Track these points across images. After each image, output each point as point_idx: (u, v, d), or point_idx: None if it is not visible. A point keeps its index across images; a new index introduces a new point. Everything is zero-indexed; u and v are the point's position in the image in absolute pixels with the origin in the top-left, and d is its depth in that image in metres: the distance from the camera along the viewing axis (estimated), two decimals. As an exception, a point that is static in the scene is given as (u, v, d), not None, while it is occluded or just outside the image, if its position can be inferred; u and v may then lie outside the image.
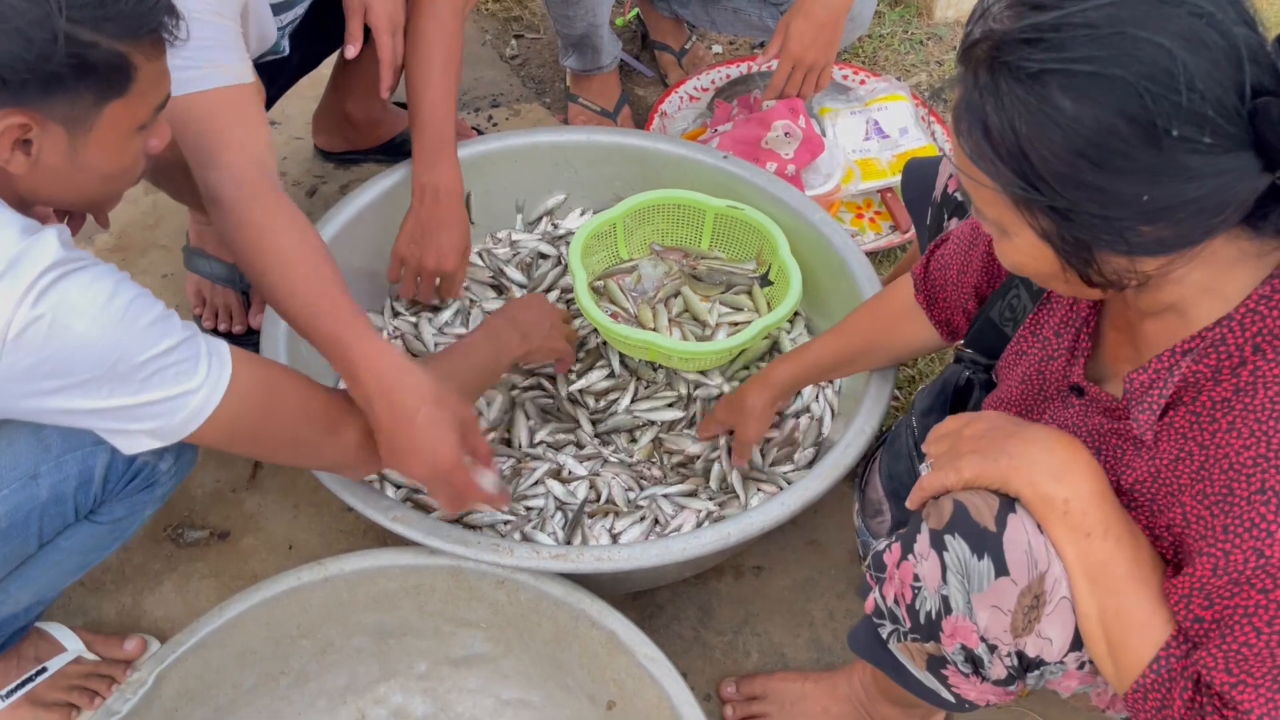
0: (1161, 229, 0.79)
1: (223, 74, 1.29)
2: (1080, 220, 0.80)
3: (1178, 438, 0.90)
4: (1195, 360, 0.87)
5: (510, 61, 2.52)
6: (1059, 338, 1.06)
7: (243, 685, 1.31)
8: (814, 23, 1.82)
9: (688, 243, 1.86)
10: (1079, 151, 0.77)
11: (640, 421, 1.65)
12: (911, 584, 1.06)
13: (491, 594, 1.32)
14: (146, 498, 1.24)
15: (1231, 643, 0.84)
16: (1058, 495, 0.93)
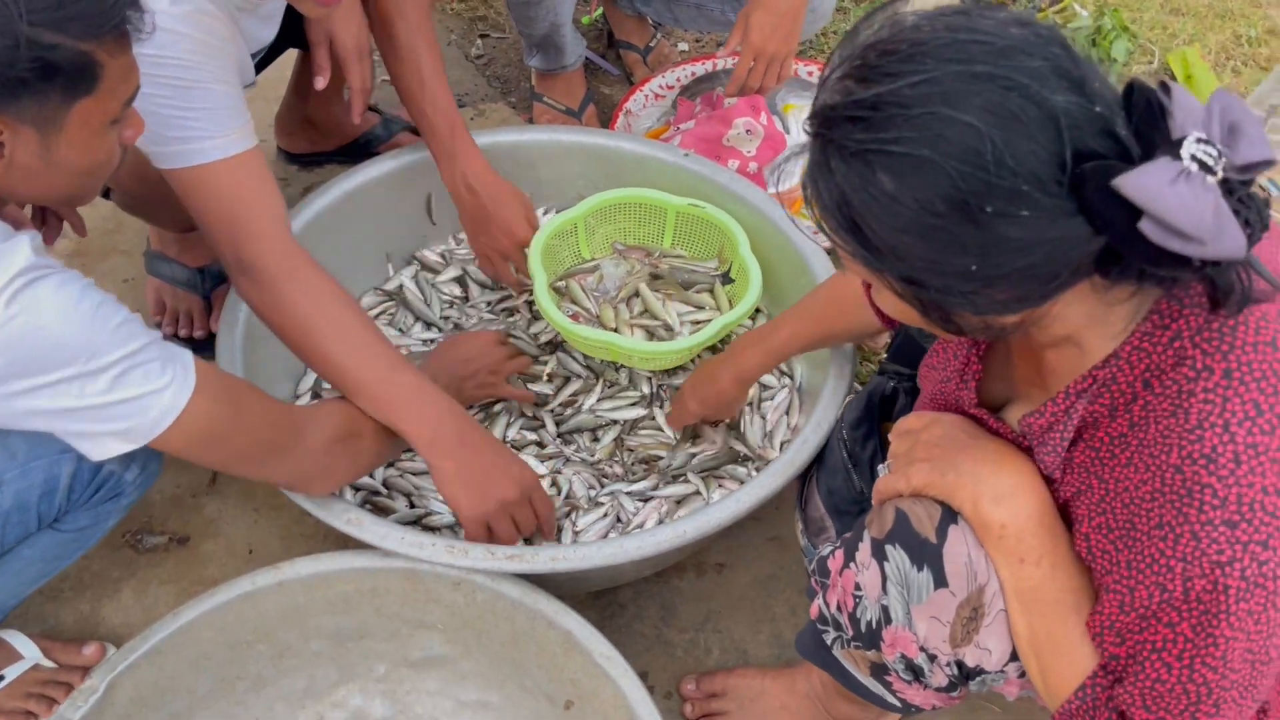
0: (1001, 292, 0.79)
1: (234, 141, 1.31)
2: (927, 285, 0.81)
3: (1080, 471, 0.91)
4: (1090, 400, 0.88)
5: (475, 61, 2.51)
6: (955, 359, 1.06)
7: (198, 691, 1.31)
8: (774, 14, 1.82)
9: (650, 241, 1.86)
10: (903, 228, 0.77)
11: (603, 421, 1.65)
12: (853, 592, 1.07)
13: (448, 595, 1.32)
14: (111, 507, 1.25)
15: (1145, 679, 0.85)
16: (995, 519, 0.94)
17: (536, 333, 1.75)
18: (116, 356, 1.01)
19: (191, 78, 1.26)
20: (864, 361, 1.87)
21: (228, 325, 1.52)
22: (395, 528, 1.31)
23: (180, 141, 1.28)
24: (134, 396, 1.03)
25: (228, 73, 1.32)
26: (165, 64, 1.23)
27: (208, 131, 1.28)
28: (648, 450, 1.62)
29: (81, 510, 1.21)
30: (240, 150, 1.31)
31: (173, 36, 1.23)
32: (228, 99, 1.30)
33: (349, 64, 1.65)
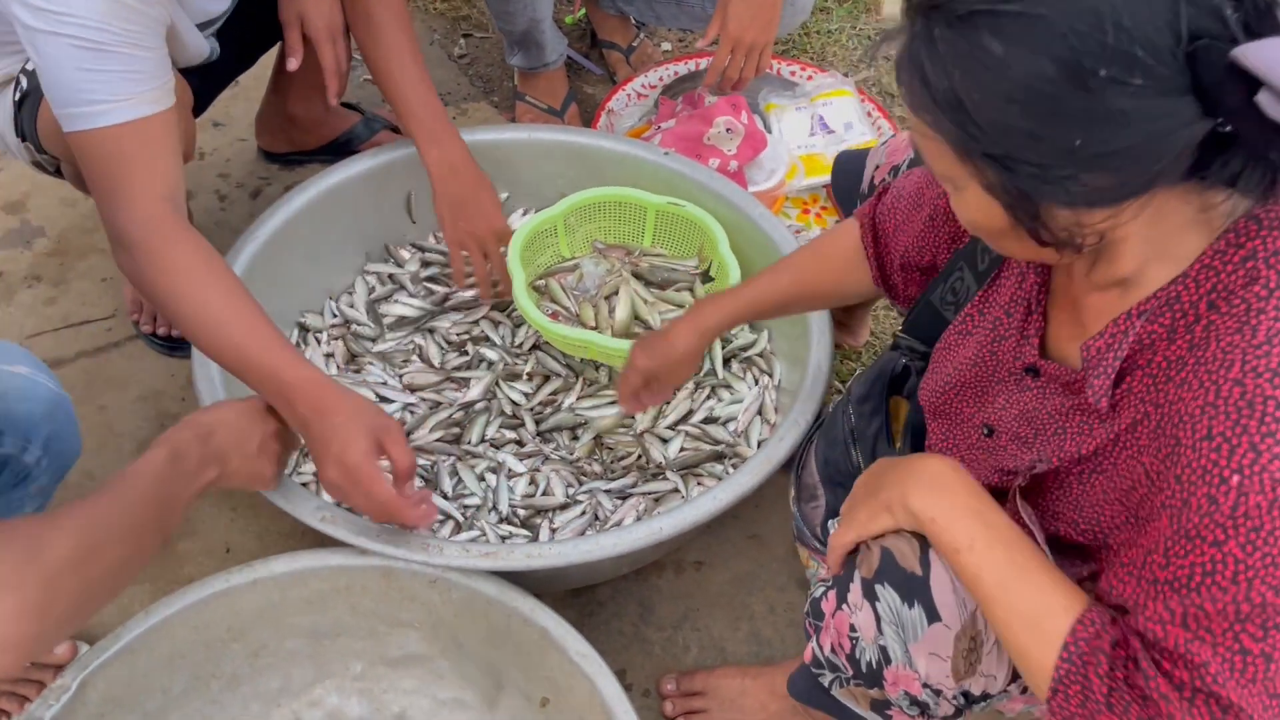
0: (1100, 178, 0.77)
1: (130, 107, 1.26)
2: (1020, 170, 0.78)
3: (1136, 402, 0.88)
4: (1150, 320, 0.86)
5: (458, 61, 2.51)
6: (1009, 316, 1.04)
7: (172, 690, 1.30)
8: (752, 4, 1.83)
9: (630, 240, 1.86)
10: (1009, 96, 0.75)
11: (582, 420, 1.65)
12: (848, 634, 1.06)
13: (424, 593, 1.31)
14: (21, 494, 1.19)
15: (1191, 598, 0.80)
16: (926, 513, 0.94)
17: (520, 341, 1.75)
18: None
19: (97, 39, 1.21)
20: (844, 360, 1.88)
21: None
22: (370, 525, 1.30)
23: (75, 104, 1.24)
24: None
25: (142, 37, 1.27)
26: (71, 22, 1.19)
27: (102, 96, 1.23)
28: (625, 449, 1.61)
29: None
30: (131, 117, 1.26)
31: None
32: (135, 62, 1.26)
33: (321, 44, 1.65)
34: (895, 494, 0.97)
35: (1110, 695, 0.83)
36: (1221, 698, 0.79)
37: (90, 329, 1.88)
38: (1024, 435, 1.01)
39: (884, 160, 1.44)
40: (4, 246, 2.00)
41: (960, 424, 1.11)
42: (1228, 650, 0.79)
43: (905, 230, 1.23)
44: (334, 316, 1.79)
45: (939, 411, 1.14)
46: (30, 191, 2.06)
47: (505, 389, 1.68)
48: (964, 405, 1.09)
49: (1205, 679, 0.79)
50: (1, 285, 1.94)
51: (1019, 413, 1.02)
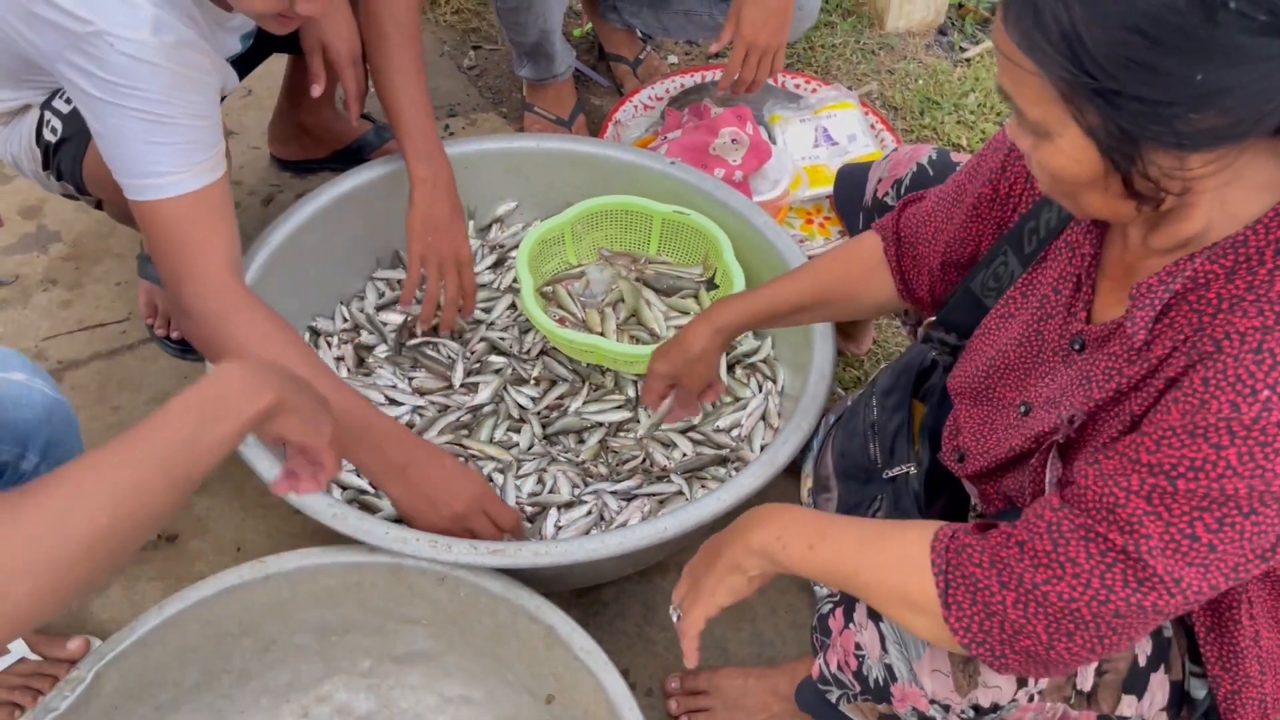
0: (1210, 117, 0.76)
1: (194, 177, 1.31)
2: (1129, 108, 0.77)
3: (1174, 333, 0.86)
4: (1210, 260, 0.85)
5: (468, 72, 2.55)
6: (1057, 294, 1.03)
7: (184, 683, 1.32)
8: (764, 8, 1.86)
9: (636, 247, 1.89)
10: (1133, 26, 0.74)
11: (588, 423, 1.67)
12: (854, 652, 1.09)
13: (432, 591, 1.34)
14: None
15: (1164, 481, 0.81)
16: (769, 535, 0.99)
17: (528, 347, 1.77)
18: None
19: (162, 112, 1.26)
20: (846, 367, 1.90)
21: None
22: (379, 523, 1.32)
23: (140, 175, 1.29)
24: None
25: (203, 107, 1.31)
26: (137, 95, 1.23)
27: (167, 167, 1.28)
28: (630, 451, 1.64)
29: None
30: (195, 187, 1.31)
31: (150, 69, 1.23)
32: (197, 133, 1.30)
33: (343, 70, 1.68)
34: (736, 545, 1.03)
35: (1000, 573, 0.86)
36: (1146, 566, 0.81)
37: (105, 332, 1.91)
38: (1053, 398, 1.01)
39: (886, 174, 1.46)
40: (21, 251, 2.04)
41: (1000, 408, 1.10)
42: (1178, 531, 0.81)
43: (945, 229, 1.23)
44: (344, 321, 1.81)
45: (977, 397, 1.13)
46: (46, 198, 2.10)
47: (513, 393, 1.70)
48: (1005, 389, 1.09)
49: (1141, 547, 0.81)
50: (18, 288, 1.98)
51: (1056, 386, 1.01)
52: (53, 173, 1.55)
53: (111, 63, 1.22)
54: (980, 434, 1.12)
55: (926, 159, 1.42)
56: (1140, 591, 0.82)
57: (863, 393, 1.42)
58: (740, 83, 1.96)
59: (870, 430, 1.38)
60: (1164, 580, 0.81)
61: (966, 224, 1.20)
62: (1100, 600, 0.83)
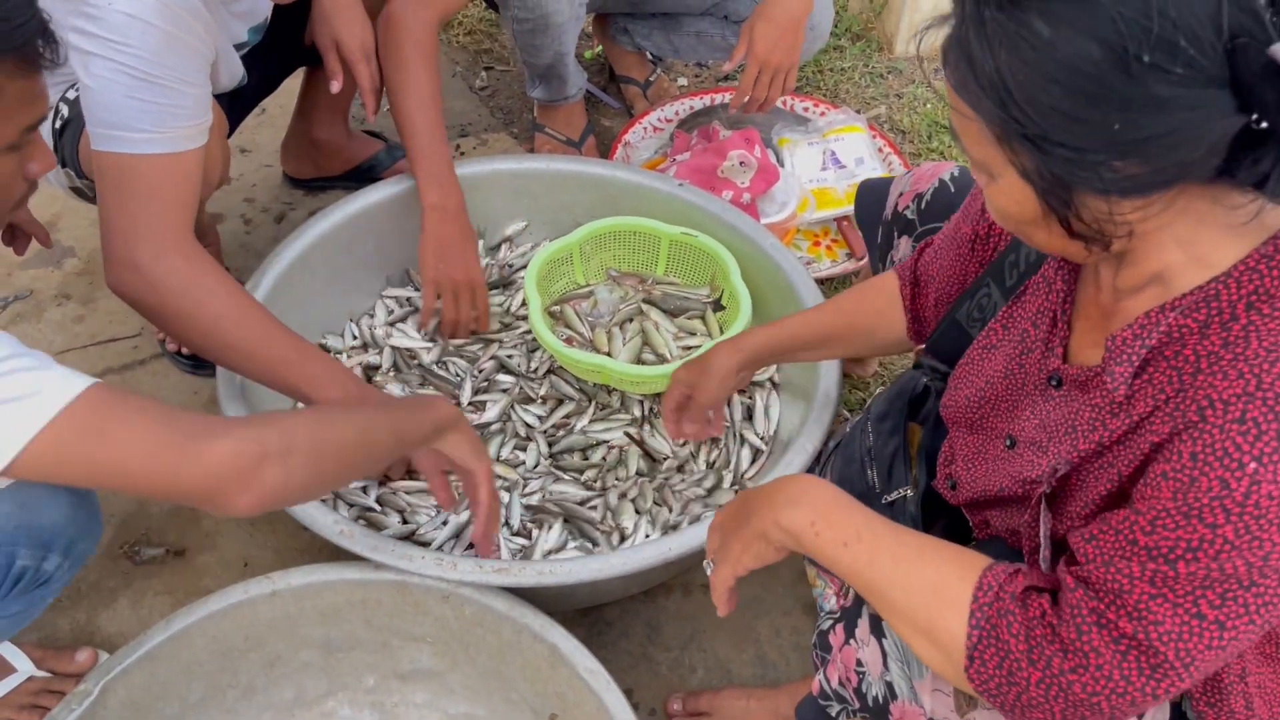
0: (1133, 165, 0.78)
1: (168, 140, 1.32)
2: (1056, 154, 0.79)
3: (1155, 391, 0.87)
4: (1183, 315, 0.85)
5: (479, 93, 2.57)
6: (1036, 329, 1.04)
7: (190, 698, 1.33)
8: (776, 26, 1.89)
9: (644, 268, 1.90)
10: (1052, 77, 0.76)
11: (593, 441, 1.68)
12: (855, 669, 1.08)
13: (437, 608, 1.34)
14: (44, 593, 1.20)
15: (1164, 566, 0.81)
16: (803, 520, 0.95)
17: (535, 366, 1.79)
18: None
19: (150, 71, 1.27)
20: (852, 390, 1.91)
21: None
22: (386, 540, 1.33)
23: (114, 126, 1.29)
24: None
25: (191, 74, 1.32)
26: (127, 51, 1.25)
27: (144, 125, 1.29)
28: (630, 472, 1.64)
29: (9, 600, 1.16)
30: (168, 150, 1.31)
31: (143, 26, 1.25)
32: (180, 99, 1.31)
33: (357, 65, 1.70)
34: (766, 516, 0.98)
35: (1030, 651, 0.85)
36: (1158, 653, 0.81)
37: (117, 347, 1.93)
38: (1039, 441, 1.01)
39: (908, 188, 1.46)
40: (35, 265, 2.06)
41: (990, 437, 1.11)
42: (1185, 613, 0.80)
43: (942, 267, 1.26)
44: (354, 338, 1.83)
45: (970, 425, 1.14)
46: (61, 212, 2.12)
47: (520, 411, 1.72)
48: (996, 419, 1.10)
49: (1151, 635, 0.81)
50: (32, 303, 2.00)
51: (1038, 422, 1.02)
52: (60, 160, 1.57)
53: (108, 20, 1.23)
54: (972, 463, 1.13)
55: (949, 175, 1.43)
56: (1154, 679, 0.82)
57: (858, 419, 1.44)
58: (752, 101, 1.98)
59: (867, 456, 1.39)
60: (1175, 666, 0.82)
61: (955, 263, 1.23)
62: (1119, 693, 0.83)
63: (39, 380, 0.96)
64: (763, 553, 1.00)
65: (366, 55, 1.71)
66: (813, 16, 2.00)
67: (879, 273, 1.55)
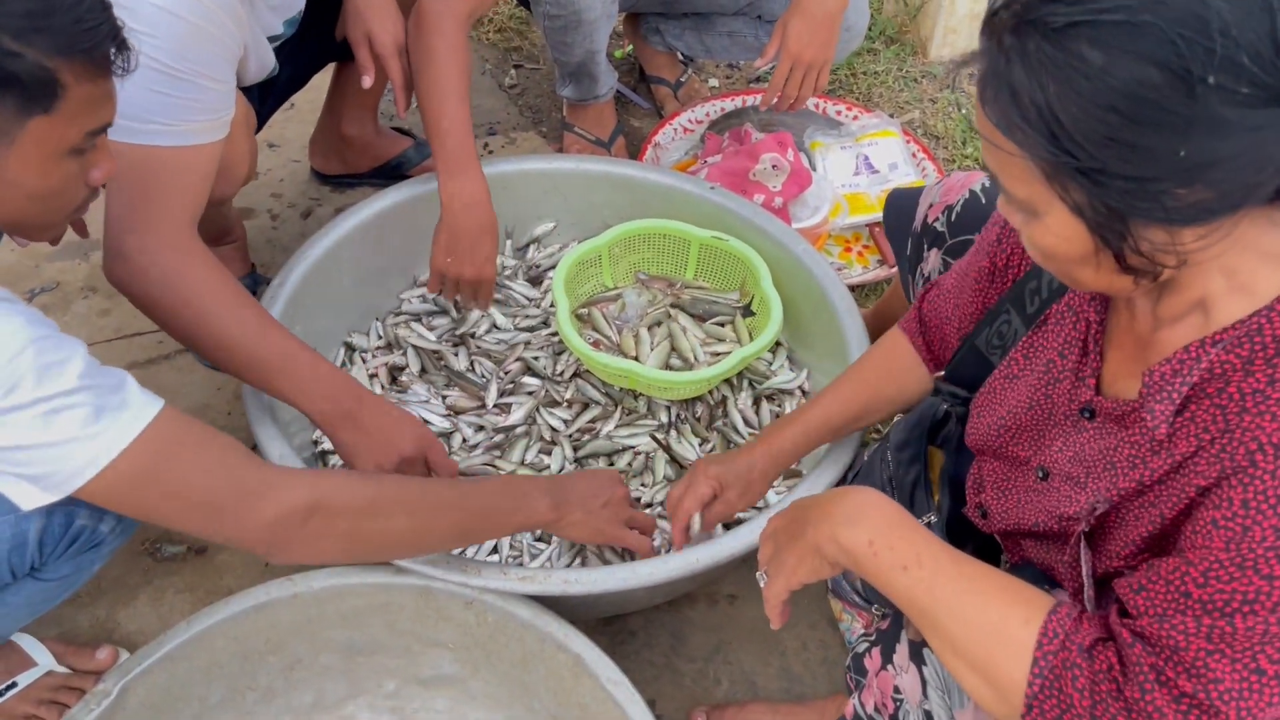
0: (1198, 191, 0.75)
1: (182, 134, 1.30)
2: (1113, 186, 0.76)
3: (1198, 431, 0.84)
4: (1225, 350, 0.82)
5: (509, 91, 2.55)
6: (1063, 359, 1.02)
7: (209, 700, 1.31)
8: (811, 21, 1.85)
9: (673, 272, 1.88)
10: (1110, 105, 0.73)
11: (619, 446, 1.66)
12: (892, 695, 1.05)
13: (460, 614, 1.32)
14: (93, 556, 1.22)
15: (1221, 620, 0.78)
16: (861, 539, 0.91)
17: (562, 369, 1.76)
18: (35, 396, 0.94)
19: (172, 65, 1.25)
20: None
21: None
22: (410, 544, 1.31)
23: (129, 117, 1.25)
24: (50, 442, 0.95)
25: (215, 68, 1.30)
26: (151, 42, 1.22)
27: (160, 117, 1.27)
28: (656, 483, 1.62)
29: (61, 561, 1.19)
30: (181, 143, 1.30)
31: (170, 19, 1.24)
32: (201, 93, 1.30)
33: (388, 60, 1.68)
34: (823, 531, 0.94)
35: (1094, 708, 0.81)
36: (1219, 713, 0.78)
37: (142, 341, 1.92)
38: (1075, 475, 0.99)
39: (938, 199, 1.44)
40: (63, 258, 2.05)
41: (1017, 467, 1.09)
42: (1244, 669, 0.78)
43: (961, 306, 1.23)
44: (379, 338, 1.81)
45: (995, 453, 1.12)
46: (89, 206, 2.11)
47: (545, 415, 1.69)
48: (1019, 449, 1.08)
49: (1213, 694, 0.78)
50: (59, 295, 1.99)
51: (1073, 454, 1.00)
52: None
53: (139, 12, 1.22)
54: (1001, 492, 1.11)
55: (979, 186, 1.40)
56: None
57: (876, 448, 1.41)
58: (784, 99, 1.95)
59: (888, 484, 1.37)
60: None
61: (972, 299, 1.21)
62: None
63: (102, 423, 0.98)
64: (817, 568, 0.96)
65: (399, 50, 1.69)
66: (848, 16, 1.97)
67: (908, 284, 1.52)
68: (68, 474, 0.97)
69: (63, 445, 0.96)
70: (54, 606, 1.28)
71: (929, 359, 1.31)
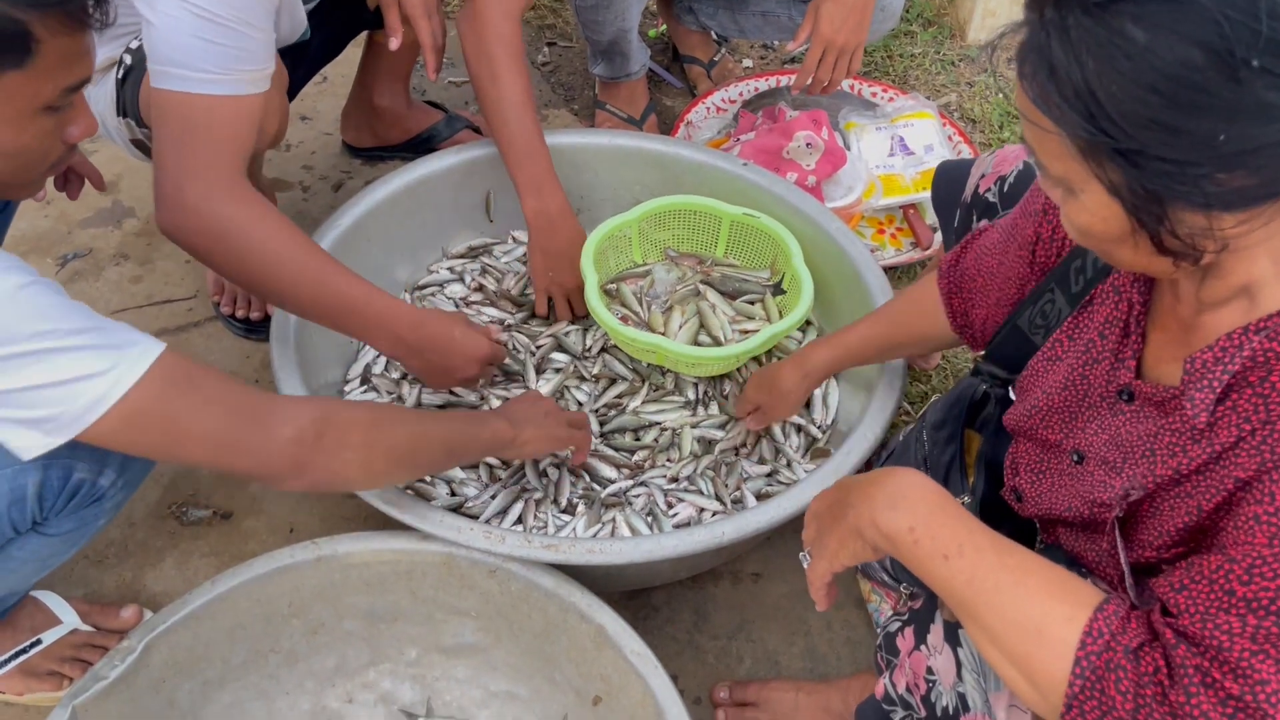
0: (1239, 177, 0.73)
1: (231, 83, 1.30)
2: (1151, 168, 0.74)
3: (1239, 420, 0.82)
4: (1269, 338, 0.80)
5: (542, 68, 2.54)
6: (1103, 339, 0.99)
7: (232, 661, 1.32)
8: (844, 5, 1.83)
9: (703, 249, 1.86)
10: (1151, 86, 0.71)
11: (645, 422, 1.65)
12: (925, 676, 1.03)
13: (483, 583, 1.32)
14: (96, 511, 1.21)
15: (1267, 619, 0.76)
16: (901, 525, 0.88)
17: (589, 345, 1.75)
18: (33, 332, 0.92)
19: (216, 11, 1.25)
20: (914, 382, 1.85)
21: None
22: (434, 510, 1.31)
23: (176, 64, 1.27)
24: (55, 382, 0.94)
25: (255, 15, 1.31)
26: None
27: (208, 65, 1.27)
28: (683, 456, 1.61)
29: (63, 516, 1.17)
30: (228, 92, 1.30)
31: None
32: (244, 41, 1.30)
33: (418, 22, 1.66)
34: (864, 514, 0.91)
35: (1137, 712, 0.79)
36: (1267, 716, 0.75)
37: (172, 308, 1.93)
38: (1112, 460, 0.96)
39: (990, 169, 1.41)
40: (95, 225, 2.06)
41: (1049, 450, 1.07)
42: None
43: (1001, 268, 1.20)
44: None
45: (1028, 435, 1.10)
46: (123, 173, 2.13)
47: (573, 390, 1.68)
48: (1050, 431, 1.05)
49: (1260, 697, 0.75)
50: (91, 261, 2.00)
51: (1109, 438, 0.97)
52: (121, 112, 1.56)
53: None
54: (1035, 476, 1.08)
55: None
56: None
57: (913, 427, 1.40)
58: (816, 83, 1.92)
59: (923, 464, 1.35)
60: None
61: (1015, 264, 1.17)
62: None
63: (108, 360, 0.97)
64: (859, 551, 0.94)
65: (428, 11, 1.67)
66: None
67: None
68: (75, 414, 0.95)
69: (69, 384, 0.94)
70: (63, 562, 1.27)
71: (947, 309, 1.28)
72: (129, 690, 1.21)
